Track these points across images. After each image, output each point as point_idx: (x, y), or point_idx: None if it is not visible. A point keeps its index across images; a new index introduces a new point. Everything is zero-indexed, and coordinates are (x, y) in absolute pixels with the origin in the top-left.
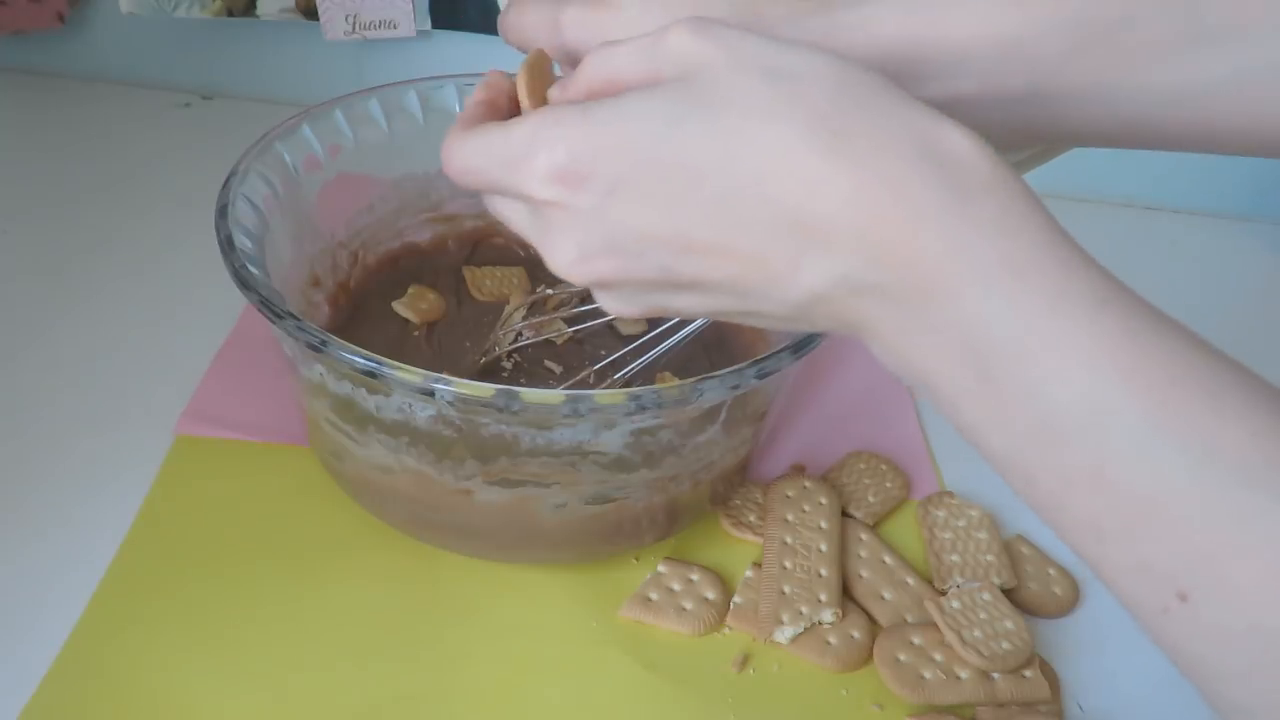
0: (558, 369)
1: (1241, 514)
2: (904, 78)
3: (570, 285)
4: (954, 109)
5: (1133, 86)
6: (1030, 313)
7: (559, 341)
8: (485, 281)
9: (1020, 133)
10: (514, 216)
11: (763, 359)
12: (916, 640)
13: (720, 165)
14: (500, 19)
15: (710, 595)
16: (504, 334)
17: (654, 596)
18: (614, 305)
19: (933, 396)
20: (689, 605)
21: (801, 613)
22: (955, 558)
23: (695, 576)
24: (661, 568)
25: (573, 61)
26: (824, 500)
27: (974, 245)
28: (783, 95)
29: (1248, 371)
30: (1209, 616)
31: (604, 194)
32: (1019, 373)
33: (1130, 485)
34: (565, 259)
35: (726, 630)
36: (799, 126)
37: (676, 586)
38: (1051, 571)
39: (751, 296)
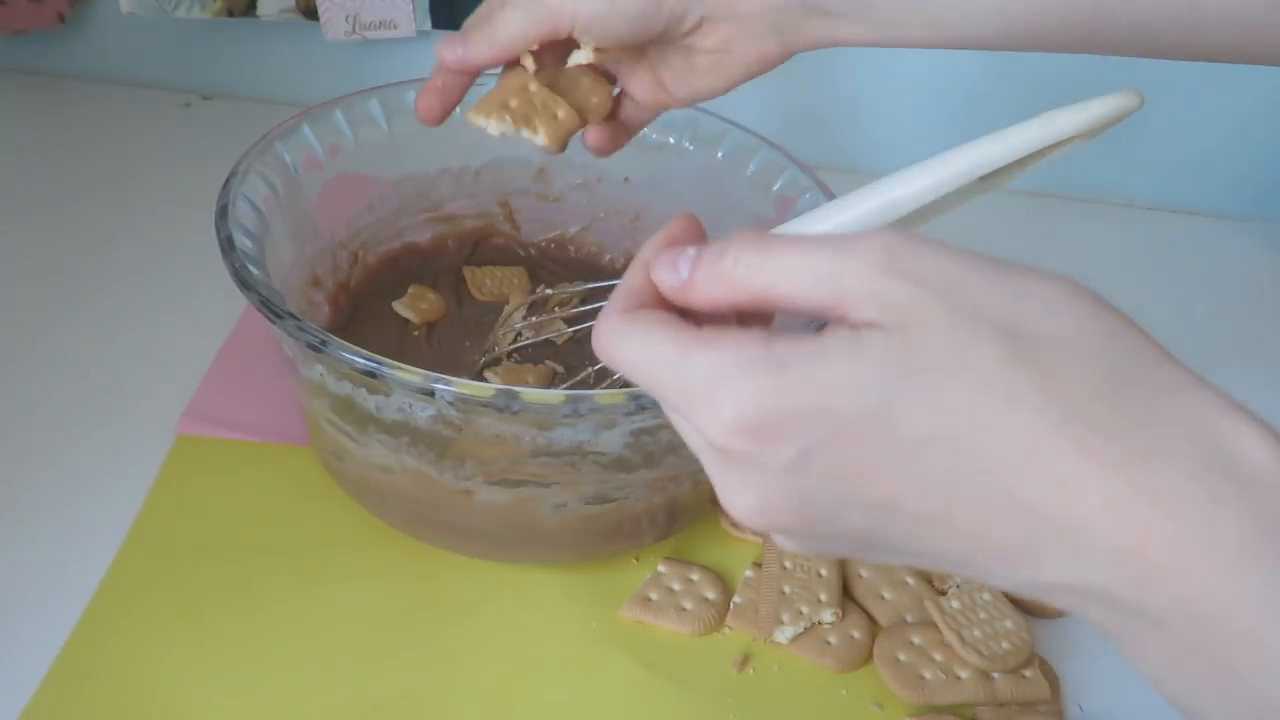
0: (558, 369)
1: None
2: None
3: (570, 285)
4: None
5: None
6: None
7: (559, 341)
8: (485, 281)
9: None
10: (681, 428)
11: None
12: (916, 640)
13: (944, 447)
14: (471, 43)
15: (710, 595)
16: (503, 334)
17: (654, 596)
18: (793, 546)
19: None
20: (689, 605)
21: (801, 612)
22: None
23: (695, 576)
24: (661, 568)
25: (551, 33)
26: None
27: None
28: (1026, 370)
29: None
30: None
31: (798, 457)
32: None
33: None
34: (744, 507)
35: (726, 630)
36: (1047, 414)
37: (676, 586)
38: None
39: (969, 569)
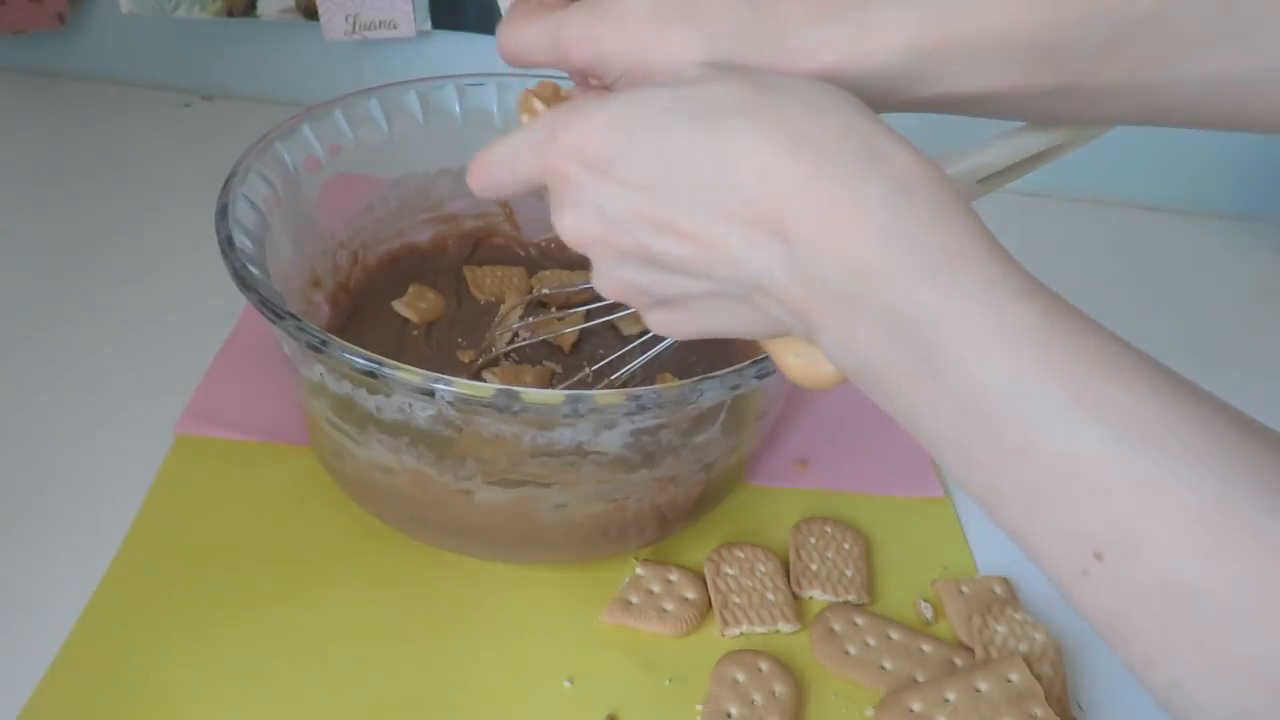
0: (556, 369)
1: (1148, 478)
2: (928, 76)
3: (567, 286)
4: (984, 103)
5: (1165, 80)
6: (962, 299)
7: (555, 340)
8: (485, 281)
9: (1053, 120)
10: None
11: (763, 359)
12: (916, 707)
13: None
14: (498, 36)
15: (690, 595)
16: (500, 334)
17: (634, 600)
18: (602, 275)
19: (877, 386)
20: (669, 606)
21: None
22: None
23: (674, 577)
24: (640, 570)
25: (577, 74)
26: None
27: (911, 234)
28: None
29: (1151, 358)
30: (1121, 573)
31: (595, 178)
32: (953, 356)
33: (1053, 455)
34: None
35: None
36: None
37: (656, 588)
38: None
39: (709, 278)
